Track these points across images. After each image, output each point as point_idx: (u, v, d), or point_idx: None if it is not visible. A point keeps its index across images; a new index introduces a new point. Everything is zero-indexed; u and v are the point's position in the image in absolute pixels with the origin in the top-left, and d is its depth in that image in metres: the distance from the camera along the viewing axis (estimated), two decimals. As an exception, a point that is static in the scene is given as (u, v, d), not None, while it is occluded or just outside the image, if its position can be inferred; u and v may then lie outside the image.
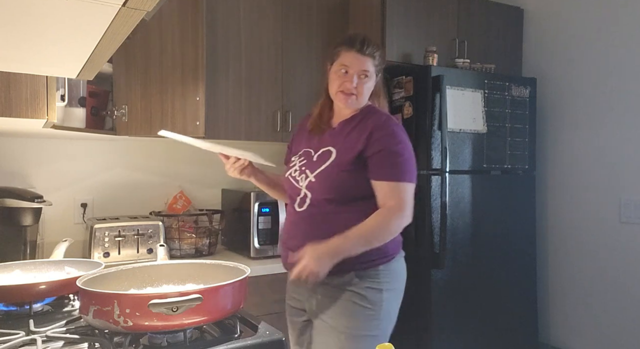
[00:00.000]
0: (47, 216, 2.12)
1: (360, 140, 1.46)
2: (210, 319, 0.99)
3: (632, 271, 2.43)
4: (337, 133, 1.53)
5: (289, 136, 2.42)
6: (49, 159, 2.21)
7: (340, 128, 1.54)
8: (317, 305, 1.48)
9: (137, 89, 2.09)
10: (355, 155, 1.44)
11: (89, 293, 0.97)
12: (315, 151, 1.54)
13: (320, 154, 1.52)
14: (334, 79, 1.51)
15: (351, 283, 1.43)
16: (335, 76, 1.50)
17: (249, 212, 2.19)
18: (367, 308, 1.42)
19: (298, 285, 1.54)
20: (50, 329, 1.06)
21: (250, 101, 2.32)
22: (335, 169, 1.45)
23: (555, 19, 2.79)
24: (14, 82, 1.37)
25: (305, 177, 1.50)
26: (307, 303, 1.52)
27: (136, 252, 2.05)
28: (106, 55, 0.93)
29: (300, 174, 1.52)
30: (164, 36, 2.10)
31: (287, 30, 2.41)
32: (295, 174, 1.54)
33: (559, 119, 2.77)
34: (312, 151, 1.55)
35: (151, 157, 2.44)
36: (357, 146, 1.45)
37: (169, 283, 1.21)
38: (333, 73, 1.51)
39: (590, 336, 2.61)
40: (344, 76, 1.48)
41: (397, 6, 2.41)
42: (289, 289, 1.63)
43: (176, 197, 2.38)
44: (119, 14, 0.68)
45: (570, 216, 2.70)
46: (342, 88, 1.48)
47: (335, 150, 1.49)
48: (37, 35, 0.79)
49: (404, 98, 2.36)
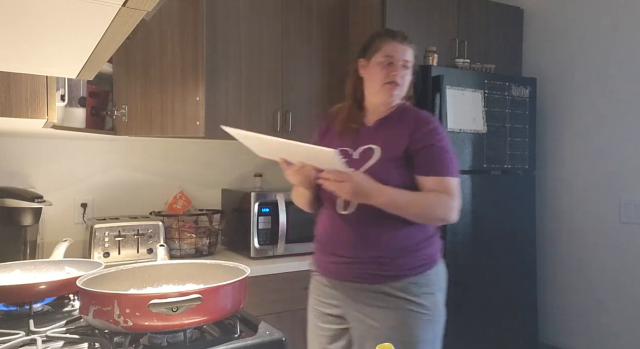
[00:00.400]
0: (47, 216, 2.12)
1: (404, 136, 1.44)
2: (210, 319, 0.99)
3: (632, 271, 2.43)
4: (375, 131, 1.50)
5: (289, 135, 2.41)
6: (49, 159, 2.21)
7: (378, 126, 1.51)
8: (366, 313, 1.43)
9: (137, 89, 2.09)
10: (402, 151, 1.43)
11: (89, 293, 0.97)
12: (354, 149, 1.49)
13: (361, 152, 1.48)
14: (377, 72, 1.46)
15: (405, 290, 1.40)
16: (378, 68, 1.46)
17: (249, 212, 2.19)
18: (424, 314, 1.41)
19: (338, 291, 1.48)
20: (50, 329, 1.06)
21: (250, 101, 2.32)
22: (384, 166, 1.42)
23: (555, 19, 2.79)
24: (14, 82, 1.37)
25: None
26: (351, 311, 1.46)
27: (136, 252, 2.05)
28: (106, 55, 0.93)
29: None
30: (164, 36, 2.10)
31: (287, 30, 2.41)
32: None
33: (559, 119, 2.77)
34: (349, 150, 1.50)
35: (151, 157, 2.44)
36: (402, 142, 1.44)
37: (169, 283, 1.21)
38: (375, 66, 1.47)
39: (591, 336, 2.60)
40: (389, 67, 1.45)
41: (397, 6, 2.41)
42: (320, 294, 1.55)
43: (176, 197, 2.38)
44: (119, 14, 0.68)
45: (570, 216, 2.70)
46: (390, 79, 1.45)
47: (379, 147, 1.45)
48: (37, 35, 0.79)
49: (404, 98, 2.35)
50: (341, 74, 2.58)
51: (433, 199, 1.40)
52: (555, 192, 2.78)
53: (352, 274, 1.44)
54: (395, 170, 1.42)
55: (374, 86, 1.49)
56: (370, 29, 2.44)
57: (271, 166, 2.76)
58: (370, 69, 1.49)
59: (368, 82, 1.51)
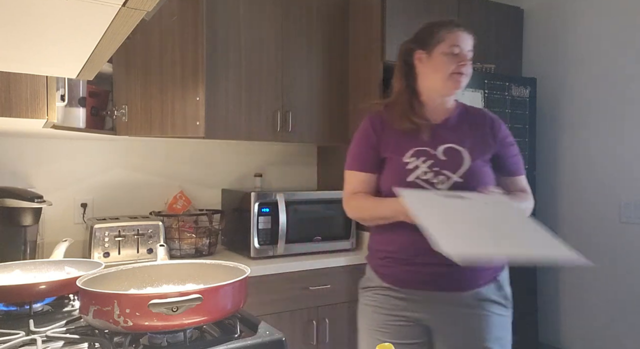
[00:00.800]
0: (47, 216, 2.12)
1: (486, 135, 1.43)
2: (210, 319, 0.99)
3: (632, 271, 2.43)
4: (453, 129, 1.43)
5: (289, 135, 2.42)
6: (49, 159, 2.21)
7: (452, 123, 1.44)
8: (456, 322, 1.36)
9: (137, 89, 2.09)
10: (491, 151, 1.42)
11: (89, 293, 0.97)
12: (433, 149, 1.39)
13: (445, 152, 1.38)
14: (444, 63, 1.37)
15: (492, 294, 1.38)
16: (445, 59, 1.37)
17: (249, 212, 2.19)
18: (507, 316, 1.40)
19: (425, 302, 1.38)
20: (50, 329, 1.06)
21: (250, 101, 2.32)
22: (479, 167, 1.38)
23: (555, 19, 2.79)
24: (14, 82, 1.37)
25: (446, 179, 1.35)
26: (437, 321, 1.38)
27: (136, 252, 2.05)
28: (106, 55, 0.93)
29: (436, 175, 1.36)
30: (164, 36, 2.10)
31: (287, 30, 2.41)
32: (429, 177, 1.36)
33: (559, 119, 2.77)
34: (429, 149, 1.39)
35: (151, 157, 2.45)
36: (487, 141, 1.42)
37: (169, 283, 1.21)
38: (439, 57, 1.38)
39: (591, 336, 2.60)
40: (456, 57, 1.38)
41: (397, 6, 2.41)
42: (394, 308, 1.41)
43: (176, 197, 2.38)
44: (119, 14, 0.68)
45: (570, 216, 2.70)
46: (458, 69, 1.37)
47: (465, 147, 1.39)
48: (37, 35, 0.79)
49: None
50: (341, 74, 2.59)
51: (529, 199, 1.47)
52: (555, 192, 2.78)
53: (445, 283, 1.35)
54: (489, 171, 1.41)
55: (437, 78, 1.39)
56: (370, 29, 2.44)
57: (271, 166, 2.76)
58: (433, 60, 1.39)
59: (430, 74, 1.41)
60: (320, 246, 2.34)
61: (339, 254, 2.32)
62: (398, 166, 1.39)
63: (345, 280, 2.27)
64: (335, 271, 2.25)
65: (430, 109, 1.45)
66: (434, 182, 1.35)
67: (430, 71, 1.41)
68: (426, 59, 1.42)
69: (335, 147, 2.71)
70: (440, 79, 1.39)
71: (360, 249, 2.47)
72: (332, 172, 2.78)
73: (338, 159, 2.71)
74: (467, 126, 1.45)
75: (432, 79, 1.41)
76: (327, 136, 2.55)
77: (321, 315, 2.21)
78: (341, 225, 2.40)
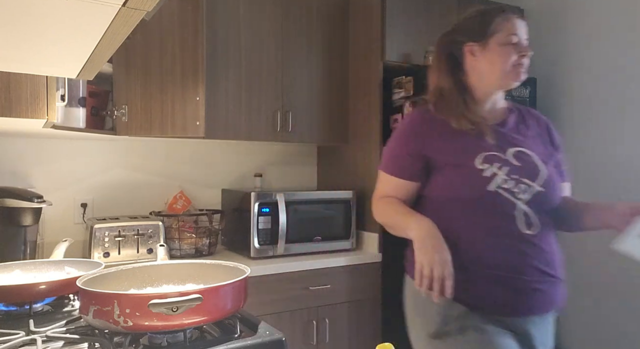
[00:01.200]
0: (47, 216, 2.12)
1: (545, 139, 1.35)
2: (210, 319, 0.99)
3: (632, 271, 2.43)
4: (511, 130, 1.31)
5: (289, 135, 2.42)
6: (49, 159, 2.21)
7: (511, 123, 1.33)
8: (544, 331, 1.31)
9: (137, 89, 2.10)
10: (553, 157, 1.33)
11: (89, 293, 0.97)
12: (502, 153, 1.25)
13: (517, 157, 1.26)
14: (503, 54, 1.25)
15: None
16: (504, 50, 1.25)
17: (249, 212, 2.19)
18: None
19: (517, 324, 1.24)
20: (50, 329, 1.06)
21: (250, 101, 2.32)
22: (554, 174, 1.28)
23: (555, 19, 2.79)
24: (14, 82, 1.37)
25: (527, 188, 1.22)
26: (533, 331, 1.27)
27: (136, 252, 2.05)
28: (106, 55, 0.93)
29: (517, 184, 1.22)
30: (164, 36, 2.10)
31: (287, 30, 2.41)
32: (509, 185, 1.21)
33: (558, 119, 2.77)
34: (499, 154, 1.25)
35: (151, 157, 2.45)
36: (547, 146, 1.34)
37: (169, 283, 1.21)
38: (496, 48, 1.26)
39: (591, 336, 2.60)
40: (515, 47, 1.26)
41: (397, 6, 2.41)
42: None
43: (176, 197, 2.38)
44: (119, 14, 0.68)
45: (570, 216, 2.70)
46: (519, 60, 1.26)
47: (533, 151, 1.28)
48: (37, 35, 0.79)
49: (404, 98, 2.36)
50: (341, 74, 2.59)
51: None
52: (555, 192, 2.78)
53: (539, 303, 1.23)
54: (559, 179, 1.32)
55: (495, 72, 1.26)
56: (370, 29, 2.44)
57: (271, 166, 2.76)
58: (489, 52, 1.26)
59: (485, 68, 1.28)
60: (320, 246, 2.34)
61: (339, 254, 2.32)
62: (471, 172, 1.22)
63: (345, 280, 2.27)
64: (335, 271, 2.25)
65: (486, 108, 1.32)
66: (514, 191, 1.21)
67: (485, 65, 1.28)
68: (480, 51, 1.28)
69: (335, 147, 2.71)
70: (498, 71, 1.26)
71: (361, 249, 2.47)
72: (332, 172, 2.78)
73: (338, 159, 2.71)
74: (524, 127, 1.34)
75: (488, 73, 1.28)
76: (327, 136, 2.55)
77: (321, 315, 2.21)
78: (341, 225, 2.40)
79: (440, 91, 1.33)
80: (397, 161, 1.33)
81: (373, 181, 2.46)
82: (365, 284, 2.33)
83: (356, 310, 2.31)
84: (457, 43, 1.32)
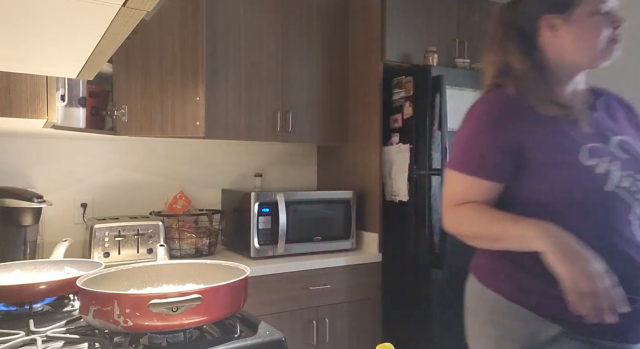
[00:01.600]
0: (47, 216, 2.12)
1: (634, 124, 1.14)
2: (210, 319, 0.99)
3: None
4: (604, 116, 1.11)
5: (289, 135, 2.42)
6: (49, 159, 2.21)
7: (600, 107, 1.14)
8: None
9: (137, 89, 2.10)
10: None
11: (89, 293, 0.97)
12: (605, 144, 1.04)
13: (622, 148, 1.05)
14: (592, 27, 1.07)
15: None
16: (594, 22, 1.07)
17: (249, 212, 2.19)
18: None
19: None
20: (50, 329, 1.06)
21: (250, 101, 2.32)
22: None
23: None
24: (14, 82, 1.37)
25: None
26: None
27: (136, 252, 2.05)
28: (106, 55, 0.93)
29: (635, 182, 1.01)
30: (164, 36, 2.10)
31: (287, 30, 2.41)
32: (627, 184, 1.01)
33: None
34: (601, 146, 1.04)
35: (151, 157, 2.45)
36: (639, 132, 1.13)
37: (169, 283, 1.21)
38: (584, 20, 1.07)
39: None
40: (606, 17, 1.10)
41: (397, 6, 2.41)
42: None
43: (176, 197, 2.38)
44: (119, 14, 0.68)
45: (570, 216, 2.70)
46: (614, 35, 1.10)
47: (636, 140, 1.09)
48: (37, 35, 0.79)
49: (404, 98, 2.36)
50: (341, 74, 2.59)
51: None
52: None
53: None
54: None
55: (582, 49, 1.08)
56: (370, 29, 2.44)
57: (271, 166, 2.76)
58: (575, 25, 1.07)
59: (570, 44, 1.09)
60: (320, 246, 2.34)
61: (339, 254, 2.32)
62: (578, 170, 1.01)
63: (345, 280, 2.27)
64: (335, 271, 2.25)
65: (569, 90, 1.13)
66: (633, 191, 1.01)
67: (570, 41, 1.08)
68: (562, 24, 1.08)
69: (335, 147, 2.71)
70: (588, 48, 1.08)
71: (361, 249, 2.47)
72: (332, 172, 2.78)
73: (338, 159, 2.71)
74: (612, 111, 1.14)
75: (574, 50, 1.09)
76: (327, 136, 2.55)
77: (321, 315, 2.21)
78: (341, 225, 2.40)
79: (509, 73, 1.12)
80: (483, 158, 1.07)
81: (373, 181, 2.48)
82: (365, 284, 2.33)
83: (356, 310, 2.31)
84: (529, 15, 1.12)
